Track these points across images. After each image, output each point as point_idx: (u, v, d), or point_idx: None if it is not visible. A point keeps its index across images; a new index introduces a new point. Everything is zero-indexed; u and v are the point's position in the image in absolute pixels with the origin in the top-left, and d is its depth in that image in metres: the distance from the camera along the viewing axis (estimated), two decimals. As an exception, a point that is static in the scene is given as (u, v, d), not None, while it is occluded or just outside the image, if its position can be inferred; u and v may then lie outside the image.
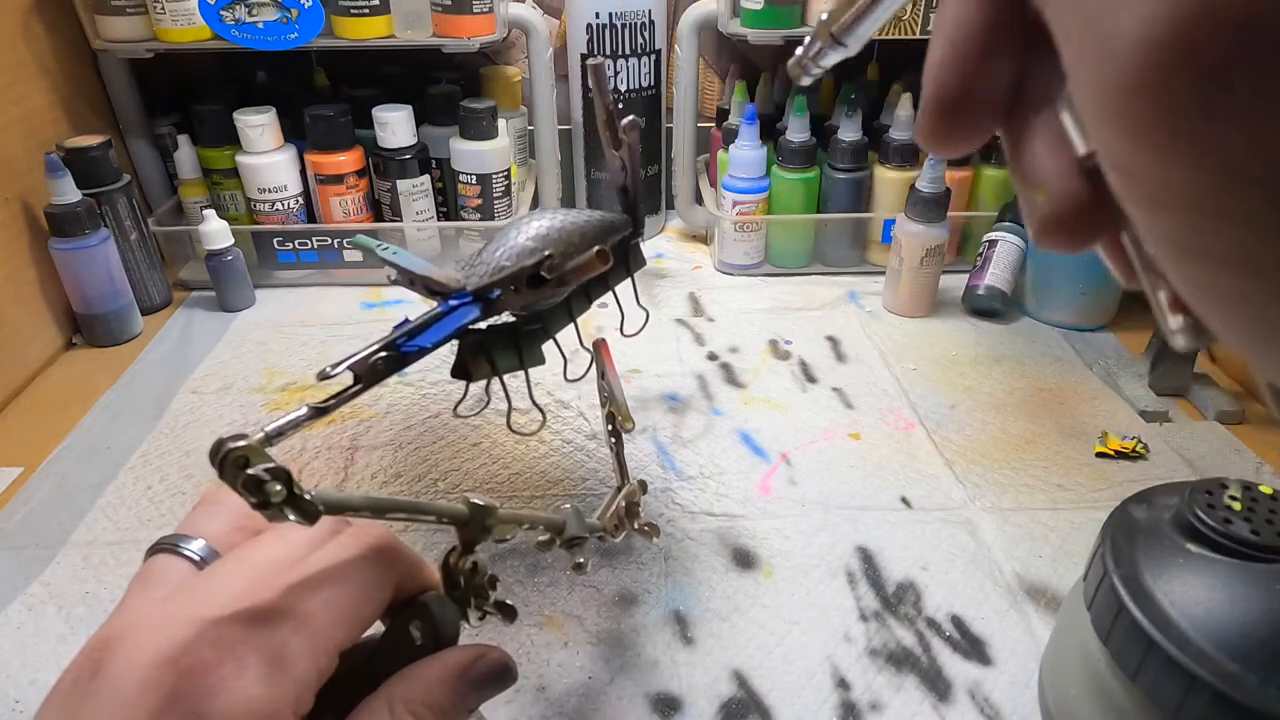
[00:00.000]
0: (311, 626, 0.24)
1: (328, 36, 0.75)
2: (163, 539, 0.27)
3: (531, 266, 0.33)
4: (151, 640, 0.22)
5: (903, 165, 0.79)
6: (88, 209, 0.68)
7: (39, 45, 0.73)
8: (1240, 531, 0.31)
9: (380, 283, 0.82)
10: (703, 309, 0.78)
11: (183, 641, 0.22)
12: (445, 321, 0.33)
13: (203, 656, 0.22)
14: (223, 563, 0.26)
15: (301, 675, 0.23)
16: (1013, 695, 0.41)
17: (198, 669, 0.22)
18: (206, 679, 0.22)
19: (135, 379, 0.68)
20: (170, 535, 0.27)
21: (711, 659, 0.43)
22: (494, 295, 0.35)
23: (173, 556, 0.27)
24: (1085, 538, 0.50)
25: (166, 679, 0.21)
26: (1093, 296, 0.73)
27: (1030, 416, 0.62)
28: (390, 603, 0.27)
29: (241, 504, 0.27)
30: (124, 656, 0.22)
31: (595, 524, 0.39)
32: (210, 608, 0.23)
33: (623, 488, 0.46)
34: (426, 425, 0.61)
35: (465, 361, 0.36)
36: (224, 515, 0.28)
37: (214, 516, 0.28)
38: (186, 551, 0.27)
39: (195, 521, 0.28)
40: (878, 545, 0.50)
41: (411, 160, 0.78)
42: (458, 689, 0.26)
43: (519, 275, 0.34)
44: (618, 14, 0.81)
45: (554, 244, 0.38)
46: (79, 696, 0.22)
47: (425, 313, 0.33)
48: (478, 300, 0.35)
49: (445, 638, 0.27)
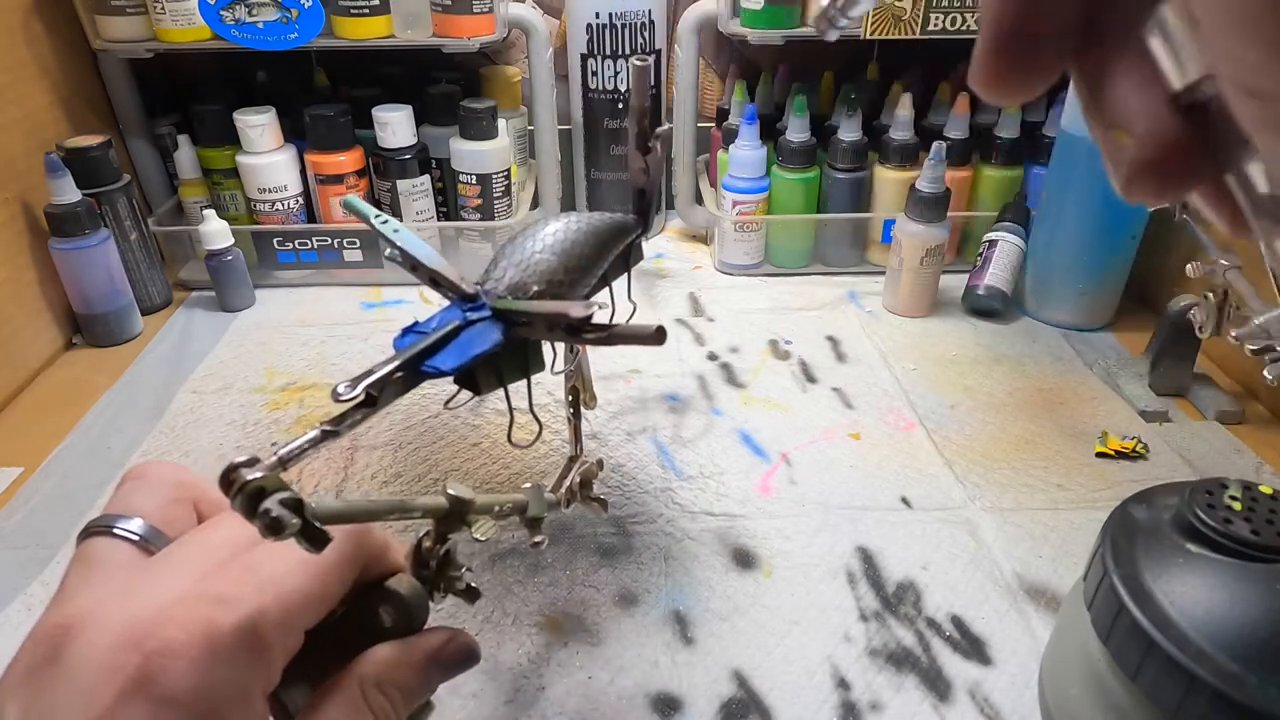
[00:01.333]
0: (280, 608, 0.23)
1: (328, 36, 0.75)
2: (95, 521, 0.26)
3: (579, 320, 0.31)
4: (113, 623, 0.22)
5: (903, 165, 0.79)
6: (88, 209, 0.68)
7: (39, 45, 0.73)
8: (1240, 531, 0.31)
9: (381, 282, 0.82)
10: (703, 309, 0.78)
11: (147, 623, 0.22)
12: (466, 343, 0.32)
13: (170, 638, 0.21)
14: (180, 545, 0.25)
15: (270, 656, 0.23)
16: (1013, 695, 0.41)
17: (165, 651, 0.21)
18: (175, 661, 0.21)
19: (135, 379, 0.68)
20: (103, 516, 0.26)
21: (711, 659, 0.43)
22: (520, 321, 0.34)
23: (111, 539, 0.25)
24: (1085, 538, 0.50)
25: (131, 661, 0.21)
26: (1093, 296, 0.73)
27: (1030, 416, 0.62)
28: (356, 583, 0.27)
29: (173, 475, 0.27)
30: (85, 641, 0.22)
31: (552, 499, 0.39)
32: (172, 589, 0.23)
33: (575, 458, 0.45)
34: (426, 425, 0.61)
35: (475, 377, 0.35)
36: (158, 490, 0.27)
37: (147, 492, 0.27)
38: (124, 532, 0.25)
39: (127, 499, 0.27)
40: (878, 545, 0.50)
41: (411, 160, 0.78)
42: (426, 671, 0.27)
43: (557, 319, 0.32)
44: (618, 14, 0.81)
45: (568, 255, 0.38)
46: (36, 685, 0.21)
47: (439, 324, 0.33)
48: (498, 319, 0.34)
49: (416, 622, 0.28)
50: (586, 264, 0.40)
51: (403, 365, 0.29)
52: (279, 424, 0.62)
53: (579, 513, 0.53)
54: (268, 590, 0.23)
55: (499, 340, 0.33)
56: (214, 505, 0.28)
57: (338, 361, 0.70)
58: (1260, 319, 0.51)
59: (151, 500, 0.27)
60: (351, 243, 0.80)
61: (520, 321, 0.34)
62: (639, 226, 0.43)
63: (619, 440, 0.59)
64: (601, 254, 0.41)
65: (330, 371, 0.68)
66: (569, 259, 0.39)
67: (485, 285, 0.37)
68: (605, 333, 0.31)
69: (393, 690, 0.26)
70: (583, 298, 0.41)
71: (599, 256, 0.41)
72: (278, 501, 0.22)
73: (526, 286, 0.37)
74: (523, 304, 0.35)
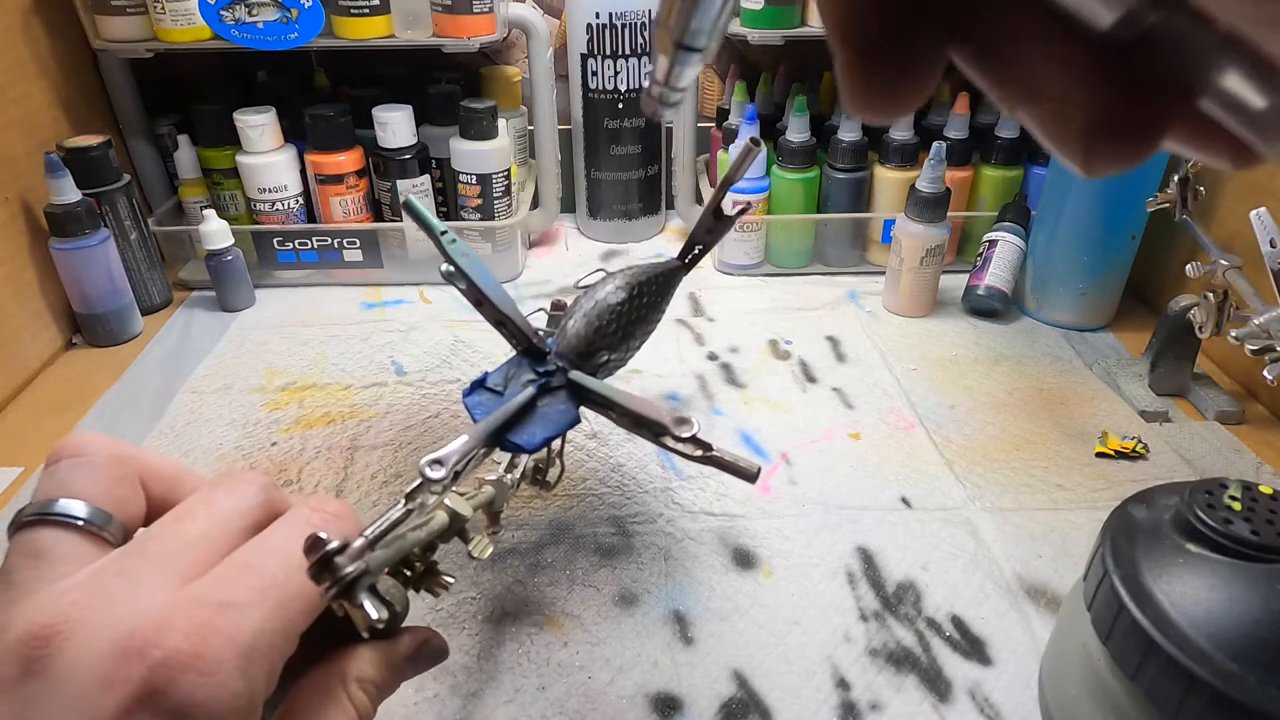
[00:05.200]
0: (283, 614, 0.22)
1: (328, 36, 0.75)
2: (32, 507, 0.23)
3: (679, 436, 0.30)
4: (104, 630, 0.20)
5: (903, 165, 0.79)
6: (88, 209, 0.68)
7: (39, 45, 0.73)
8: (1240, 531, 0.31)
9: (381, 282, 0.82)
10: (703, 309, 0.78)
11: (145, 630, 0.20)
12: (545, 419, 0.33)
13: (175, 648, 0.20)
14: (151, 538, 0.23)
15: (272, 666, 0.22)
16: (1013, 695, 0.41)
17: (171, 662, 0.20)
18: (183, 673, 0.20)
19: (135, 379, 0.68)
20: (39, 501, 0.23)
21: (711, 659, 0.43)
22: (600, 402, 0.34)
23: (56, 529, 0.23)
24: (1085, 538, 0.50)
25: (134, 673, 0.19)
26: (1093, 296, 0.73)
27: (1030, 416, 0.62)
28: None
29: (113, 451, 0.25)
30: (72, 651, 0.20)
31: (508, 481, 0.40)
32: (157, 590, 0.21)
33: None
34: (426, 425, 0.61)
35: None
36: (99, 469, 0.24)
37: (89, 473, 0.24)
38: (67, 519, 0.23)
39: (64, 481, 0.24)
40: (878, 545, 0.50)
41: (411, 160, 0.78)
42: (402, 669, 0.27)
43: (650, 423, 0.32)
44: (618, 14, 0.81)
45: (629, 316, 0.40)
46: (19, 701, 0.19)
47: (511, 388, 0.34)
48: (572, 390, 0.35)
49: (397, 621, 0.28)
50: (647, 316, 0.42)
51: (486, 442, 0.30)
52: (278, 424, 0.62)
53: (579, 513, 0.53)
54: (270, 595, 0.22)
55: (577, 419, 0.34)
56: (160, 479, 0.26)
57: (338, 361, 0.70)
58: (1260, 319, 0.51)
59: (93, 480, 0.24)
60: (351, 243, 0.80)
61: (599, 403, 0.34)
62: (684, 270, 0.46)
63: (619, 440, 0.59)
64: (660, 304, 0.43)
65: (330, 371, 0.68)
66: (631, 319, 0.40)
67: (555, 345, 0.37)
68: (700, 453, 0.30)
69: (371, 687, 0.26)
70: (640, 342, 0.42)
71: (658, 306, 0.43)
72: (372, 592, 0.23)
73: (596, 350, 0.38)
74: (610, 391, 0.34)
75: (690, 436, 0.30)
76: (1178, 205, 0.61)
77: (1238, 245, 0.61)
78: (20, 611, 0.21)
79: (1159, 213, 0.64)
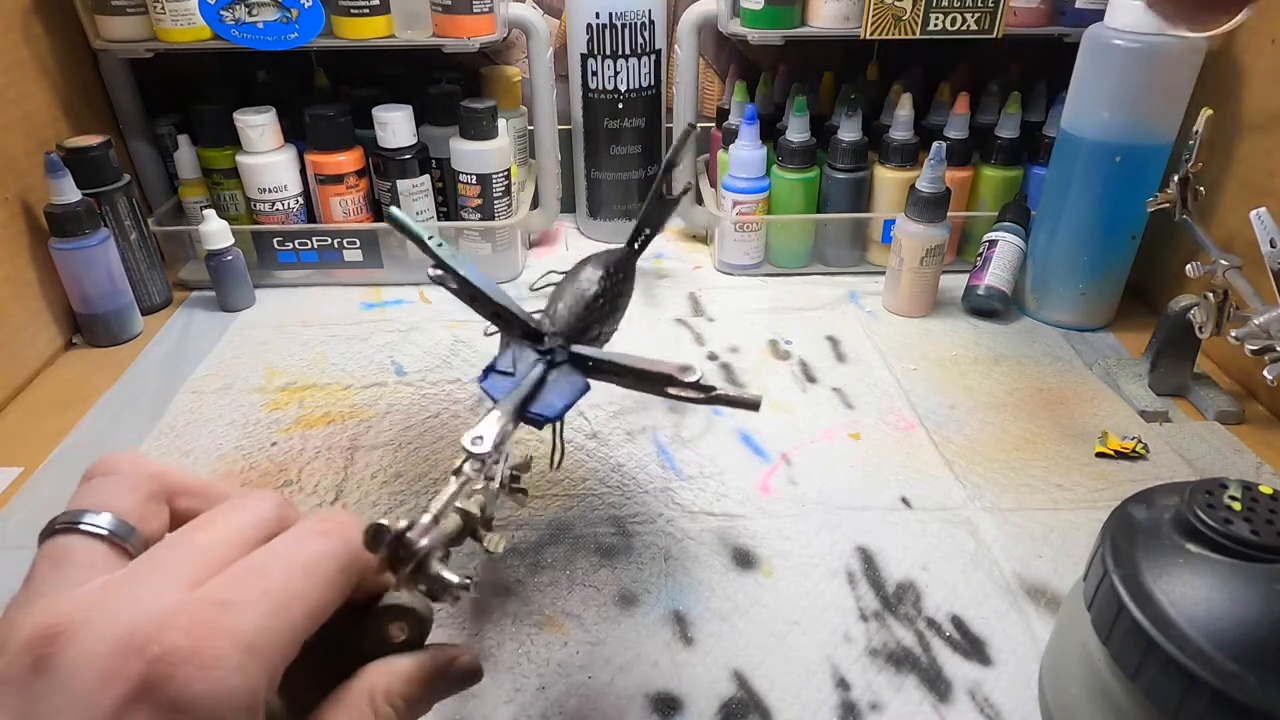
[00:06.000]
0: (285, 617, 0.22)
1: (328, 36, 0.75)
2: (61, 517, 0.24)
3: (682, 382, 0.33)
4: (107, 628, 0.20)
5: (903, 165, 0.79)
6: (88, 209, 0.68)
7: (39, 45, 0.73)
8: (1240, 531, 0.31)
9: (381, 282, 0.82)
10: (703, 309, 0.78)
11: (147, 628, 0.20)
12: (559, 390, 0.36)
13: (174, 643, 0.20)
14: (165, 546, 0.24)
15: (273, 666, 0.22)
16: (1013, 695, 0.41)
17: (169, 657, 0.20)
18: (181, 668, 0.20)
19: (135, 379, 0.68)
20: (69, 512, 0.24)
21: (711, 659, 0.43)
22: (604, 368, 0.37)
23: (80, 536, 0.24)
24: (1085, 538, 0.50)
25: (133, 668, 0.20)
26: (1092, 296, 0.73)
27: (1030, 416, 0.62)
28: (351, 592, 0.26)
29: (144, 467, 0.26)
30: (76, 649, 0.20)
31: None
32: (165, 593, 0.22)
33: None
34: (426, 425, 0.61)
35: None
36: (134, 487, 0.26)
37: (118, 489, 0.25)
38: (92, 528, 0.24)
39: (95, 495, 0.25)
40: (878, 545, 0.50)
41: (411, 160, 0.78)
42: (434, 685, 0.27)
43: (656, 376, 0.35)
44: (618, 14, 0.81)
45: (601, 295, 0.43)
46: (25, 699, 0.20)
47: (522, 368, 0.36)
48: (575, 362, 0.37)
49: (424, 637, 0.28)
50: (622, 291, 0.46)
51: (513, 416, 0.33)
52: (278, 424, 0.62)
53: (579, 513, 0.53)
54: (273, 596, 0.22)
55: (588, 387, 0.37)
56: (188, 494, 0.27)
57: (337, 361, 0.70)
58: (1260, 319, 0.51)
59: (123, 495, 0.25)
60: (351, 243, 0.80)
61: (605, 369, 0.37)
62: (635, 256, 0.49)
63: (619, 440, 0.59)
64: (628, 283, 0.47)
65: (330, 371, 0.68)
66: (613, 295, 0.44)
67: (547, 326, 0.40)
68: (705, 394, 0.34)
69: (400, 703, 0.25)
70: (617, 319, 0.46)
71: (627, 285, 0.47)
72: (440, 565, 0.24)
73: (589, 324, 0.41)
74: (613, 355, 0.37)
75: (694, 381, 0.33)
76: (1178, 205, 0.61)
77: (1238, 245, 0.61)
78: (33, 612, 0.22)
79: (1159, 213, 0.64)
